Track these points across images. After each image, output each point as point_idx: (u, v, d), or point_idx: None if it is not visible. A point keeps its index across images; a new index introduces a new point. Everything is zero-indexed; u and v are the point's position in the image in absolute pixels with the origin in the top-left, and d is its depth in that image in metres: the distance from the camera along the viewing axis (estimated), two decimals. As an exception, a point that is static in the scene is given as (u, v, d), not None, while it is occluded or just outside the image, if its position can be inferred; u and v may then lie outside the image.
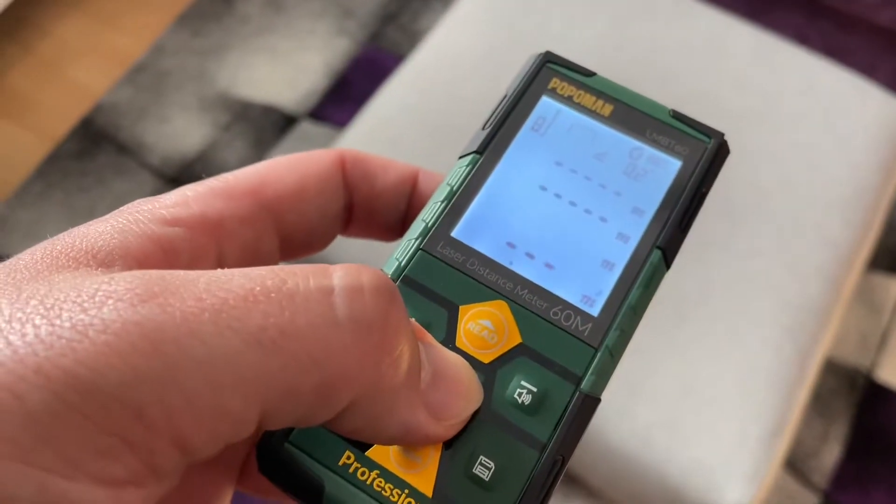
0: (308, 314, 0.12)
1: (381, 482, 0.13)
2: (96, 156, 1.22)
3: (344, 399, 0.12)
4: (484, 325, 0.15)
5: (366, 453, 0.14)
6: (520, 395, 0.14)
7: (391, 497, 0.13)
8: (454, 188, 0.16)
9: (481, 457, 0.14)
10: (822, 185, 0.79)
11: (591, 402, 0.14)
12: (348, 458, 0.14)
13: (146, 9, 1.36)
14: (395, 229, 0.18)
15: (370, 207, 0.17)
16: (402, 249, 0.16)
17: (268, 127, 1.24)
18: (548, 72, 0.17)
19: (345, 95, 1.28)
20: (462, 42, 0.86)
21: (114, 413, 0.10)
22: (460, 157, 0.16)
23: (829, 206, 0.79)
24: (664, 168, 0.16)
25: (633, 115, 0.16)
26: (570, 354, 0.14)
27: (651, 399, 0.70)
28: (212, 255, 0.15)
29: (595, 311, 0.15)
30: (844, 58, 1.22)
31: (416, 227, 0.16)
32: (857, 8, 1.16)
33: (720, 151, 0.16)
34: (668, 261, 0.15)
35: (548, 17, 0.87)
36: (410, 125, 0.81)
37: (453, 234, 0.16)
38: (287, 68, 1.30)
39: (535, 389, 0.14)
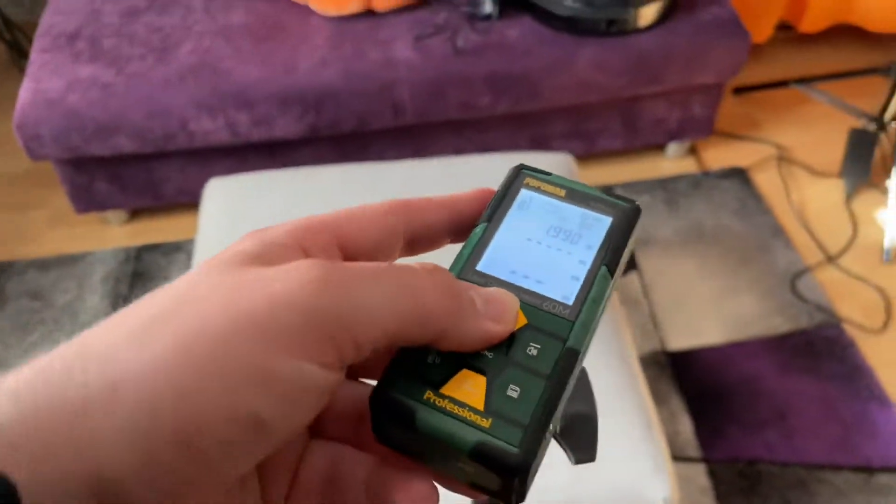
0: (421, 281, 0.21)
1: (450, 405, 0.22)
2: None
3: (440, 324, 0.21)
4: None
5: (440, 390, 0.22)
6: (529, 350, 0.23)
7: (456, 411, 0.21)
8: (475, 241, 0.25)
9: (510, 385, 0.22)
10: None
11: (573, 353, 0.23)
12: (429, 394, 0.22)
13: None
14: (441, 244, 0.26)
15: (423, 237, 0.25)
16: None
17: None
18: (523, 174, 0.27)
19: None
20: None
21: (330, 324, 0.19)
22: (477, 225, 0.26)
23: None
24: (602, 222, 0.26)
25: (579, 194, 0.26)
26: (557, 327, 0.23)
27: (553, 475, 0.77)
28: None
29: (570, 302, 0.24)
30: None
31: (458, 263, 0.25)
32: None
33: (636, 210, 0.26)
34: (611, 273, 0.25)
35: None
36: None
37: (478, 267, 0.25)
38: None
39: (538, 346, 0.23)
